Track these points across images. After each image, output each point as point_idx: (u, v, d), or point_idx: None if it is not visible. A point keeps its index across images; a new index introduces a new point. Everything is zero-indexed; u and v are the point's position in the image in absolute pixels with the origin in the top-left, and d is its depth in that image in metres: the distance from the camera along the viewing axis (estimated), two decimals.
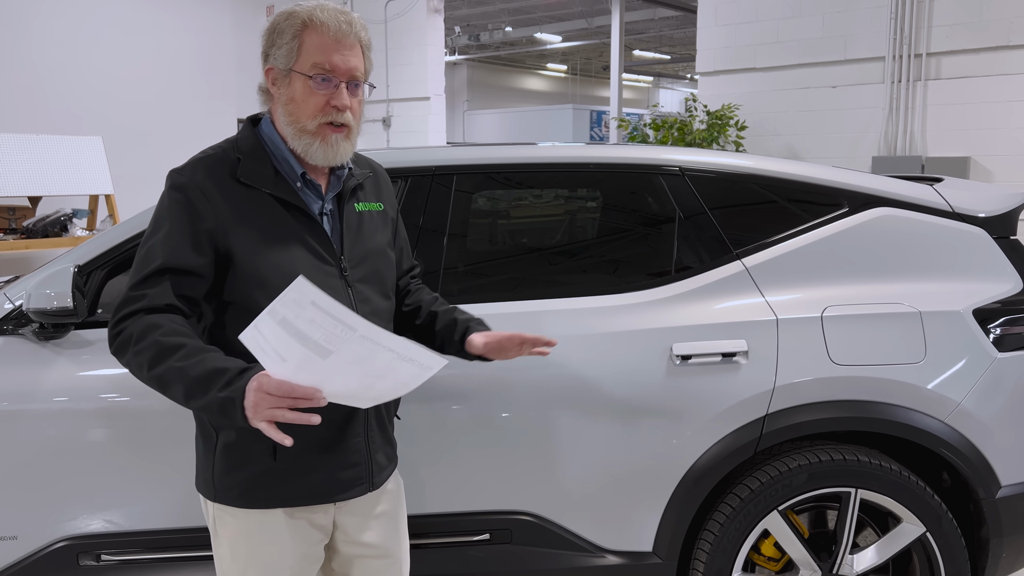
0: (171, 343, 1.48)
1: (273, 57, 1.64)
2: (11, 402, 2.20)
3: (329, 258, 1.66)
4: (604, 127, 19.67)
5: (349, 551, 1.77)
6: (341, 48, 1.61)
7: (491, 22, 18.85)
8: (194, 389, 1.45)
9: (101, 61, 8.88)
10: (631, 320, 2.31)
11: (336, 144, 1.63)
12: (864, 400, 2.30)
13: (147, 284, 1.55)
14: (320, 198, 1.69)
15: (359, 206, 1.75)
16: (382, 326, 1.67)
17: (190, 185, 1.60)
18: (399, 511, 1.85)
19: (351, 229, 1.71)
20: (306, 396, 1.37)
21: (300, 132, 1.62)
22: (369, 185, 1.80)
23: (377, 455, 1.74)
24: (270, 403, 1.37)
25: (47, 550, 2.23)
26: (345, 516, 1.74)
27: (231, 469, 1.65)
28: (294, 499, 1.66)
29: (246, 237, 1.59)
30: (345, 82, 1.62)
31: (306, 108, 1.61)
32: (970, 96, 7.52)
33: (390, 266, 1.80)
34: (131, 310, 1.54)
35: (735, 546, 2.31)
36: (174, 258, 1.56)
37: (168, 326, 1.51)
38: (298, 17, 1.61)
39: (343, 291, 1.66)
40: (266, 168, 1.64)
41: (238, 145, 1.67)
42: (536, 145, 2.61)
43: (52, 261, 2.41)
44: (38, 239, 7.37)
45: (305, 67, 1.60)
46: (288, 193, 1.64)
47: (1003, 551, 2.37)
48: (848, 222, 2.44)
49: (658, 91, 27.26)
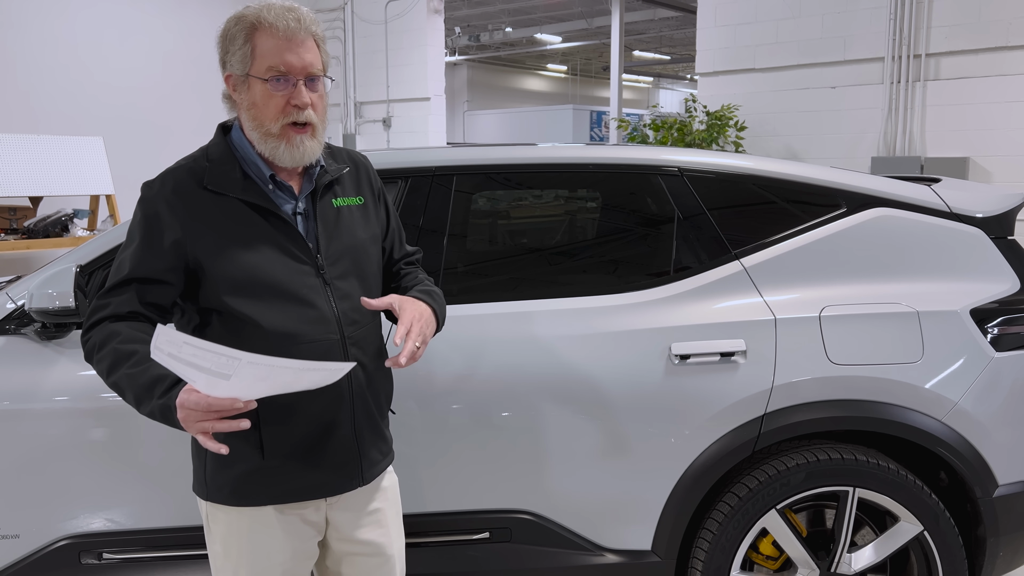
0: (126, 351, 1.53)
1: (230, 64, 1.65)
2: (13, 401, 2.21)
3: (304, 257, 1.66)
4: (604, 127, 19.67)
5: (341, 548, 1.78)
6: (293, 46, 1.60)
7: (491, 23, 18.85)
8: (141, 396, 1.49)
9: (102, 62, 8.89)
10: (630, 320, 2.33)
11: (301, 144, 1.63)
12: (862, 399, 2.31)
13: (112, 294, 1.61)
14: (293, 198, 1.69)
15: (337, 202, 1.74)
16: (366, 322, 1.70)
17: (156, 198, 1.63)
18: (393, 509, 1.86)
19: (327, 226, 1.70)
20: (226, 408, 1.41)
21: (265, 136, 1.63)
22: (348, 179, 1.79)
23: (368, 451, 1.74)
24: (196, 417, 1.42)
25: (49, 548, 2.24)
26: (337, 513, 1.75)
27: (221, 468, 1.67)
28: (284, 496, 1.67)
29: (215, 244, 1.61)
30: (303, 79, 1.61)
31: (267, 111, 1.61)
32: (969, 97, 7.52)
33: (372, 261, 1.78)
34: (96, 319, 1.60)
35: (733, 545, 2.32)
36: (140, 269, 1.61)
37: (126, 334, 1.56)
38: (246, 20, 1.62)
39: (321, 290, 1.66)
40: (234, 173, 1.65)
41: (208, 153, 1.69)
42: (536, 146, 2.62)
43: (54, 261, 2.42)
44: (39, 239, 7.38)
45: (260, 70, 1.60)
46: (257, 196, 1.65)
47: (1000, 550, 2.38)
48: (846, 222, 2.45)
49: (658, 91, 27.26)
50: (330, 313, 1.66)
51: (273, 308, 1.62)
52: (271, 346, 1.60)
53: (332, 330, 1.66)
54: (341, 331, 1.67)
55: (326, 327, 1.65)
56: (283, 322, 1.62)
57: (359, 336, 1.70)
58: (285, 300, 1.63)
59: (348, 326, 1.68)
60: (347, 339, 1.68)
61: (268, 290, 1.62)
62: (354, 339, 1.69)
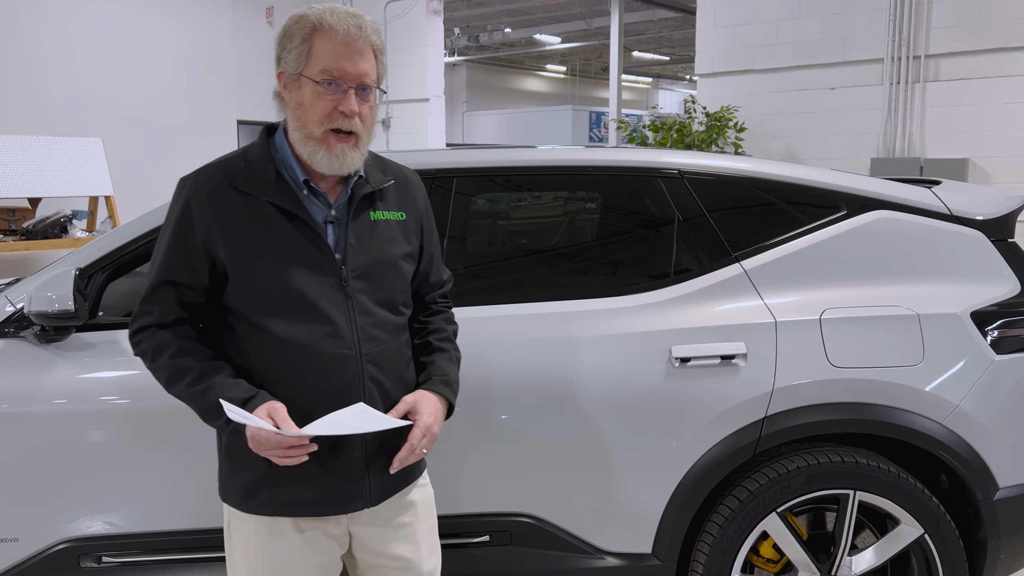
0: (181, 366, 1.61)
1: (284, 61, 1.63)
2: (12, 404, 2.20)
3: (328, 267, 1.63)
4: (603, 128, 19.68)
5: (368, 560, 1.76)
6: (350, 52, 1.58)
7: (490, 23, 18.85)
8: (207, 415, 1.61)
9: (101, 63, 8.89)
10: (630, 322, 2.32)
11: (342, 153, 1.61)
12: (862, 402, 2.31)
13: (153, 299, 1.65)
14: (327, 206, 1.66)
15: (375, 214, 1.70)
16: (385, 338, 1.68)
17: (186, 195, 1.64)
18: (425, 524, 1.80)
19: (359, 238, 1.67)
20: (299, 445, 1.53)
21: (307, 138, 1.61)
22: (391, 193, 1.75)
23: (379, 472, 1.68)
24: (266, 448, 1.53)
25: (48, 552, 2.23)
26: (359, 527, 1.71)
27: (233, 472, 1.67)
28: (289, 509, 1.65)
29: (237, 246, 1.60)
30: (354, 87, 1.59)
31: (313, 113, 1.59)
32: (969, 98, 7.53)
33: (401, 278, 1.74)
34: (143, 324, 1.65)
35: (734, 548, 2.32)
36: (169, 272, 1.64)
37: (177, 346, 1.63)
38: (308, 20, 1.60)
39: (341, 302, 1.63)
40: (268, 176, 1.63)
41: (247, 153, 1.68)
42: (536, 148, 2.61)
43: (54, 263, 2.42)
44: (38, 240, 7.38)
45: (313, 72, 1.58)
46: (288, 201, 1.63)
47: (1001, 553, 2.38)
48: (846, 225, 2.44)
49: (657, 92, 27.26)
50: (347, 327, 1.63)
51: (288, 317, 1.60)
52: (283, 356, 1.60)
53: (348, 345, 1.63)
54: (358, 347, 1.63)
55: (341, 342, 1.62)
56: (296, 333, 1.60)
57: (377, 353, 1.66)
58: (301, 310, 1.61)
59: (366, 342, 1.64)
60: (364, 355, 1.64)
61: (284, 298, 1.60)
62: (371, 356, 1.65)
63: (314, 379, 1.62)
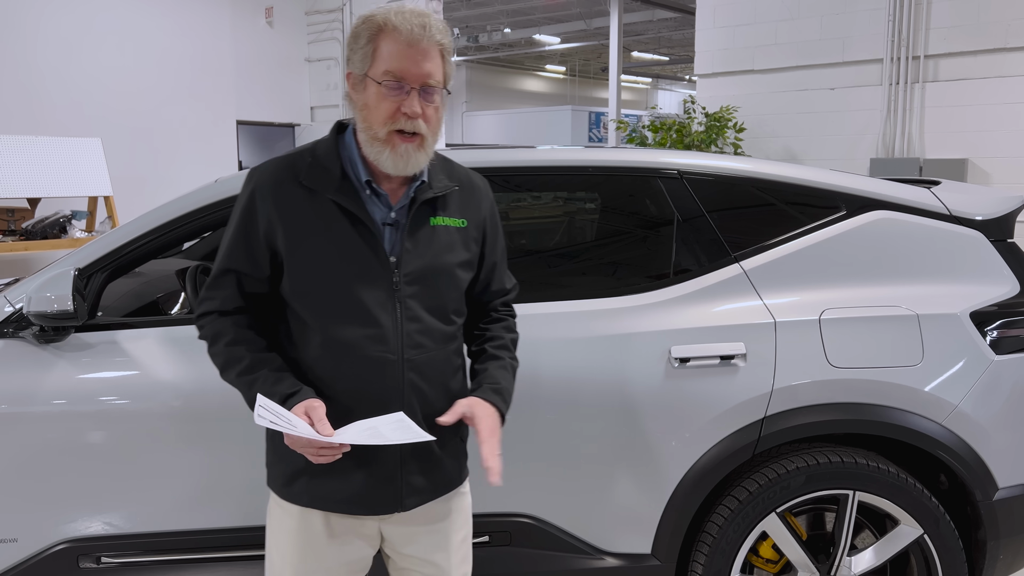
0: (234, 355, 1.65)
1: (351, 62, 1.63)
2: (11, 405, 2.20)
3: (380, 269, 1.62)
4: (603, 128, 19.68)
5: (399, 561, 1.77)
6: (414, 53, 1.57)
7: (490, 23, 18.87)
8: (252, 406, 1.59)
9: (100, 63, 8.88)
10: (630, 323, 2.32)
11: (407, 154, 1.59)
12: (862, 403, 2.31)
13: (217, 285, 1.69)
14: (388, 207, 1.65)
15: (435, 220, 1.68)
16: (431, 346, 1.66)
17: (252, 187, 1.67)
18: (459, 533, 1.79)
19: (417, 243, 1.65)
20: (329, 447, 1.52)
21: (372, 139, 1.60)
22: (454, 199, 1.72)
23: (413, 479, 1.67)
24: (301, 445, 1.54)
25: (47, 552, 2.23)
26: (390, 527, 1.72)
27: (275, 460, 1.71)
28: (327, 504, 1.66)
29: (295, 240, 1.62)
30: (418, 88, 1.58)
31: (377, 114, 1.58)
32: (968, 98, 7.54)
33: (455, 286, 1.71)
34: (206, 310, 1.70)
35: (733, 548, 2.32)
36: (232, 261, 1.67)
37: (234, 335, 1.66)
38: (374, 21, 1.59)
39: (390, 306, 1.62)
40: (333, 173, 1.64)
41: (316, 148, 1.69)
42: (535, 148, 2.61)
43: (53, 264, 2.42)
44: (37, 241, 7.37)
45: (377, 73, 1.58)
46: (349, 199, 1.62)
47: (1000, 553, 2.38)
48: (846, 225, 2.45)
49: (657, 92, 27.28)
50: (393, 332, 1.62)
51: (334, 315, 1.61)
52: (326, 353, 1.61)
53: (391, 349, 1.62)
54: (401, 353, 1.62)
55: (385, 345, 1.61)
56: (340, 332, 1.61)
57: (421, 361, 1.65)
58: (348, 310, 1.61)
59: (411, 348, 1.63)
60: (406, 361, 1.63)
61: (333, 296, 1.61)
62: (414, 363, 1.64)
63: (354, 380, 1.62)
